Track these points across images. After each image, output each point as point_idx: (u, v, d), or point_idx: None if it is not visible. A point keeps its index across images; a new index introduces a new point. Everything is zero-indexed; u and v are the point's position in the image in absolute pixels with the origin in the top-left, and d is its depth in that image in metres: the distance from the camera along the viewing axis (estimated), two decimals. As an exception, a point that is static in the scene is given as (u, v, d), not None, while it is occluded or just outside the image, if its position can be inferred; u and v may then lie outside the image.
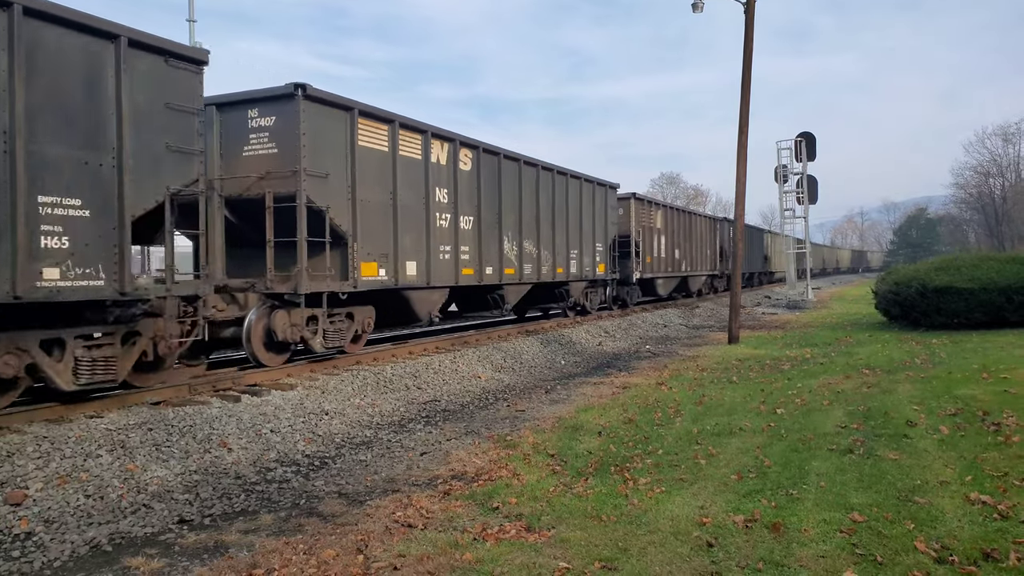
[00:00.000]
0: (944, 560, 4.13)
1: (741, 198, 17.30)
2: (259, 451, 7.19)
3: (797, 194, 29.89)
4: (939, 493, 5.24)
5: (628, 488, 5.78)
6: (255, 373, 9.39)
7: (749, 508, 5.13)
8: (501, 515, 5.29)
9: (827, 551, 4.36)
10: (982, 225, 70.26)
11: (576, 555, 4.45)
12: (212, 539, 5.08)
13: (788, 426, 7.56)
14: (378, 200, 10.76)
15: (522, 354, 13.70)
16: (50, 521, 5.22)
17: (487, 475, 6.33)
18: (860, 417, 7.74)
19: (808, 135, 29.78)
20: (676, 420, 8.26)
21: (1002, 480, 5.41)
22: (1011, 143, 65.40)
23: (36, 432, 6.33)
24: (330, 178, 9.82)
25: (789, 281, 32.36)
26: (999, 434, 6.61)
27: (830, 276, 72.21)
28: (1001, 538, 4.38)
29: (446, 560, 4.46)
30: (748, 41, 16.74)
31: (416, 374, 10.79)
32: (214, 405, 7.81)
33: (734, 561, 4.28)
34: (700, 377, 11.58)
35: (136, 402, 7.72)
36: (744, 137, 16.93)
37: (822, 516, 4.91)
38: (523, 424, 8.48)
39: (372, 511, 5.49)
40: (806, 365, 12.18)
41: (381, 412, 9.12)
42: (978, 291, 15.48)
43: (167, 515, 5.56)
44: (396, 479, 6.42)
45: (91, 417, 6.96)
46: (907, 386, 9.29)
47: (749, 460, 6.40)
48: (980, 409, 7.57)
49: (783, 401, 8.92)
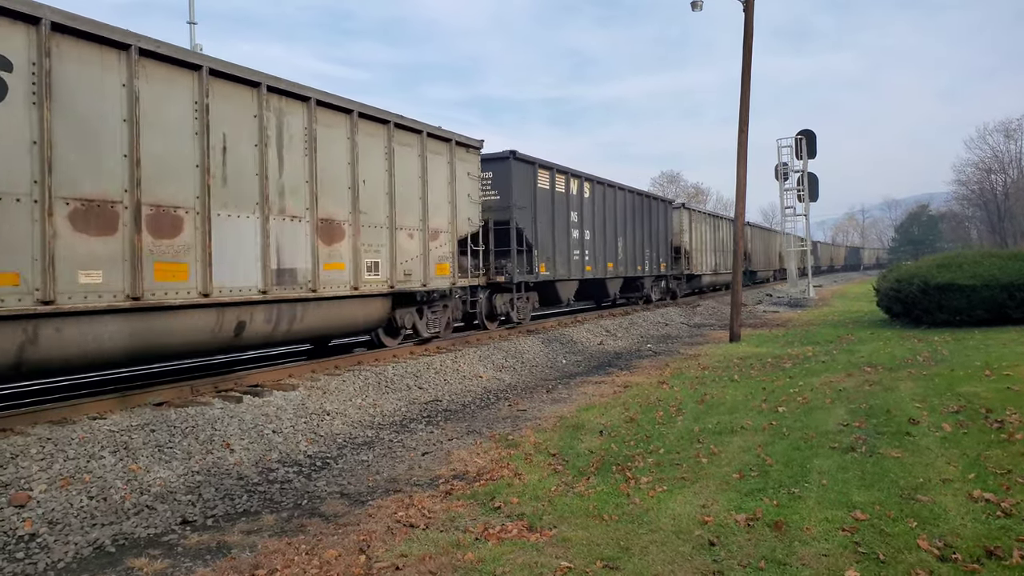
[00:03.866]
0: (947, 558, 4.13)
1: (742, 197, 17.29)
2: (261, 452, 7.19)
3: (798, 192, 29.87)
4: (942, 491, 5.24)
5: (630, 487, 5.78)
6: (257, 373, 9.41)
7: (751, 507, 5.13)
8: (503, 515, 5.29)
9: (829, 549, 4.35)
10: (984, 222, 70.15)
11: (578, 554, 4.46)
12: (215, 540, 5.09)
13: (790, 424, 7.56)
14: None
15: (523, 353, 13.70)
16: (54, 522, 5.23)
17: (489, 475, 6.33)
18: (862, 415, 7.73)
19: (808, 133, 29.75)
20: (678, 419, 8.26)
21: (1005, 477, 5.40)
22: (1013, 139, 65.33)
23: (40, 434, 6.34)
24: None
25: (790, 279, 32.36)
26: (1002, 431, 6.60)
27: (824, 274, 72.08)
28: (1004, 536, 4.38)
29: (448, 560, 4.46)
30: (748, 40, 16.73)
31: (417, 374, 10.80)
32: (216, 406, 7.81)
33: (736, 560, 4.28)
34: (701, 376, 11.57)
35: (139, 403, 7.73)
36: (744, 136, 16.92)
37: (824, 514, 4.91)
38: (525, 423, 8.48)
39: (374, 511, 5.50)
40: (808, 363, 12.17)
41: (383, 412, 9.12)
42: (980, 288, 15.46)
43: (170, 516, 5.57)
44: (398, 479, 6.43)
45: (94, 419, 6.98)
46: (909, 384, 9.28)
47: (751, 458, 6.39)
48: (983, 406, 7.56)
49: (785, 399, 8.91)
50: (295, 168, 9.22)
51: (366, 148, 10.44)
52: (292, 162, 9.18)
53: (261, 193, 8.68)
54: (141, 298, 7.24)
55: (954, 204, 79.32)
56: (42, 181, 6.43)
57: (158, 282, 7.47)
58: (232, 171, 8.33)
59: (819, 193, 30.18)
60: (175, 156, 7.71)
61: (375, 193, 10.65)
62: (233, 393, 8.46)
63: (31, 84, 6.40)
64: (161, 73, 7.58)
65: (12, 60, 6.29)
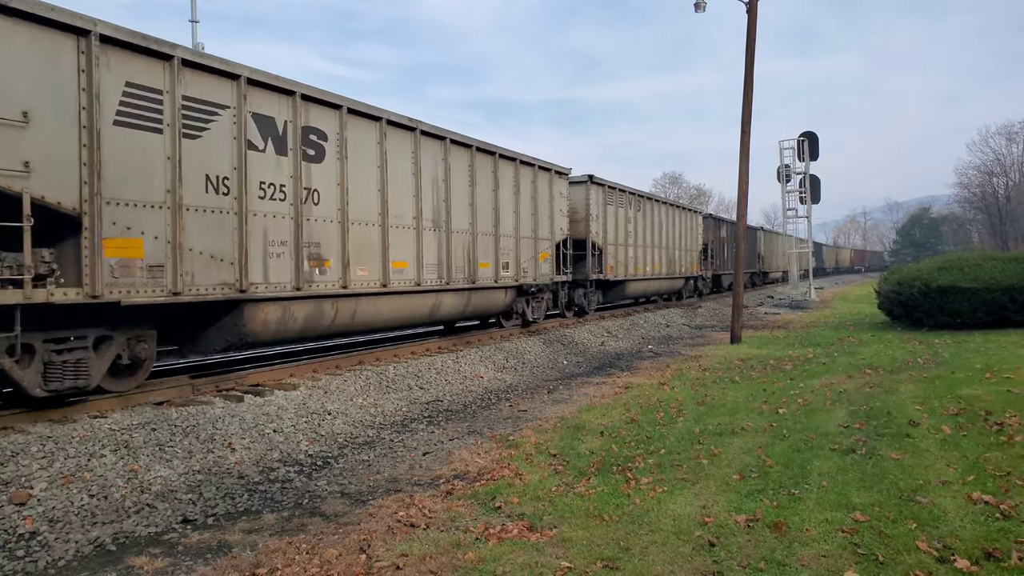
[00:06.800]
0: (946, 560, 4.13)
1: (744, 198, 17.30)
2: (262, 451, 7.21)
3: (800, 193, 29.87)
4: (941, 493, 5.24)
5: (630, 488, 5.78)
6: (258, 373, 9.42)
7: (751, 508, 5.14)
8: (503, 515, 5.30)
9: (829, 550, 4.36)
10: (986, 224, 70.08)
11: (578, 554, 4.46)
12: (215, 538, 5.10)
13: (790, 426, 7.57)
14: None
15: (524, 354, 13.71)
16: (54, 520, 5.24)
17: (489, 475, 6.34)
18: (862, 417, 7.74)
19: (810, 135, 29.76)
20: (678, 420, 8.26)
21: (1004, 480, 5.41)
22: (1015, 142, 65.34)
23: (40, 432, 6.36)
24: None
25: (791, 280, 32.35)
26: (1002, 434, 6.61)
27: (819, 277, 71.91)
28: (1003, 538, 4.38)
29: (448, 560, 4.47)
30: (750, 42, 16.74)
31: (418, 374, 10.81)
32: (217, 405, 7.83)
33: (736, 560, 4.28)
34: (702, 377, 11.58)
35: (140, 402, 7.75)
36: (747, 137, 16.93)
37: (824, 516, 4.92)
38: (525, 424, 8.49)
39: (375, 511, 5.51)
40: (808, 365, 12.17)
41: (384, 412, 9.13)
42: (981, 291, 15.45)
43: (171, 515, 5.58)
44: (399, 479, 6.44)
45: (95, 417, 6.99)
46: (910, 386, 9.29)
47: (751, 460, 6.40)
48: (983, 409, 7.57)
49: (785, 401, 8.92)
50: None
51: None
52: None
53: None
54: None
55: (956, 207, 79.27)
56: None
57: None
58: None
59: (821, 195, 30.21)
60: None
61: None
62: (234, 392, 8.47)
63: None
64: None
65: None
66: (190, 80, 7.66)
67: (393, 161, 10.87)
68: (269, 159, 8.71)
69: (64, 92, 6.46)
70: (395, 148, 10.98)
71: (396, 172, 10.93)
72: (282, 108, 8.91)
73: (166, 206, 7.36)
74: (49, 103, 6.33)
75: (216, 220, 7.96)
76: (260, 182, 8.55)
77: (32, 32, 6.24)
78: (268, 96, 8.70)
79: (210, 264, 7.84)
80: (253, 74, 8.40)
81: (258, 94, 8.55)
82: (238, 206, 8.22)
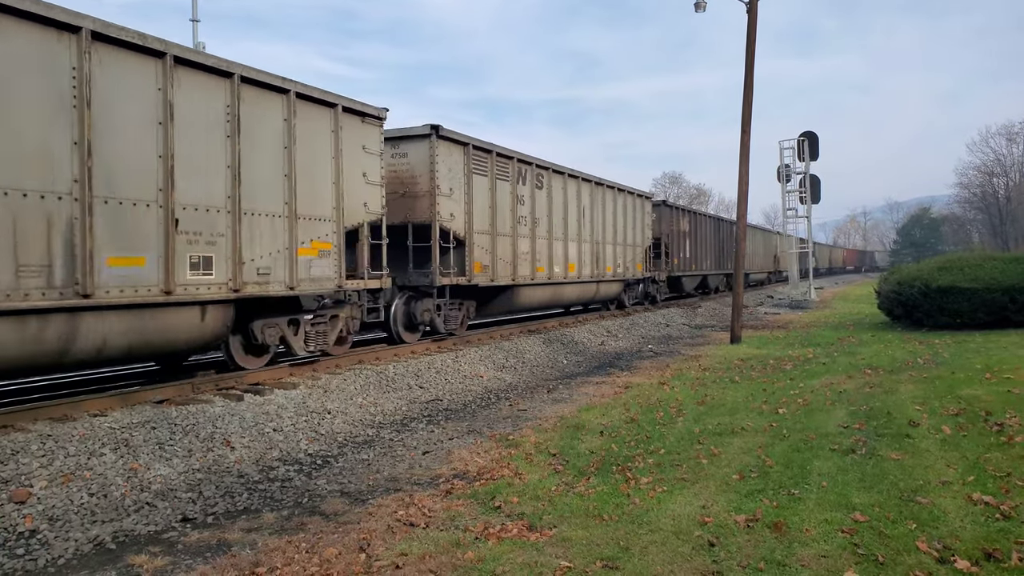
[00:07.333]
0: (946, 560, 4.13)
1: (744, 198, 17.29)
2: (262, 450, 7.20)
3: (800, 193, 29.86)
4: (941, 493, 5.24)
5: (630, 487, 5.78)
6: (258, 372, 9.42)
7: (751, 508, 5.13)
8: (503, 514, 5.30)
9: (828, 551, 4.36)
10: (986, 225, 70.06)
11: (578, 554, 4.46)
12: (215, 537, 5.10)
13: (790, 426, 7.56)
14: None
15: (524, 353, 13.71)
16: (54, 519, 5.24)
17: (489, 474, 6.34)
18: (862, 417, 7.73)
19: (810, 134, 29.75)
20: (678, 420, 8.26)
21: (1005, 480, 5.41)
22: (1015, 142, 65.29)
23: (40, 430, 6.36)
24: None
25: (791, 280, 32.34)
26: (1002, 434, 6.61)
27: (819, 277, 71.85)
28: (1003, 538, 4.38)
29: (448, 559, 4.47)
30: (750, 42, 16.74)
31: (418, 373, 10.81)
32: (217, 404, 7.83)
33: (735, 560, 4.28)
34: (702, 377, 11.58)
35: (140, 401, 7.75)
36: (747, 137, 16.93)
37: (824, 516, 4.91)
38: (525, 423, 8.49)
39: (374, 510, 5.51)
40: (808, 365, 12.17)
41: (383, 411, 9.13)
42: (981, 291, 15.45)
43: (170, 513, 5.58)
44: (398, 478, 6.44)
45: (95, 416, 6.99)
46: (910, 386, 9.29)
47: (751, 460, 6.40)
48: (983, 409, 7.57)
49: (785, 401, 8.92)
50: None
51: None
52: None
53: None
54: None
55: (956, 207, 79.20)
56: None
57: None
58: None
59: (821, 195, 30.20)
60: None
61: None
62: (234, 391, 8.47)
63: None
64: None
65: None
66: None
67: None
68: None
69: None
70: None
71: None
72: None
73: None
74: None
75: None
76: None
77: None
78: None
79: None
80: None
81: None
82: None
